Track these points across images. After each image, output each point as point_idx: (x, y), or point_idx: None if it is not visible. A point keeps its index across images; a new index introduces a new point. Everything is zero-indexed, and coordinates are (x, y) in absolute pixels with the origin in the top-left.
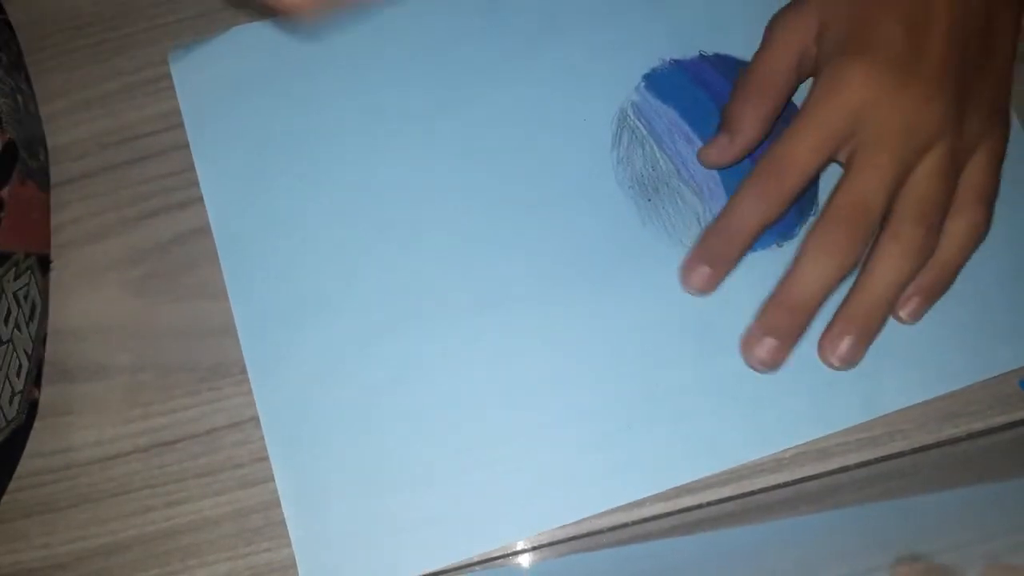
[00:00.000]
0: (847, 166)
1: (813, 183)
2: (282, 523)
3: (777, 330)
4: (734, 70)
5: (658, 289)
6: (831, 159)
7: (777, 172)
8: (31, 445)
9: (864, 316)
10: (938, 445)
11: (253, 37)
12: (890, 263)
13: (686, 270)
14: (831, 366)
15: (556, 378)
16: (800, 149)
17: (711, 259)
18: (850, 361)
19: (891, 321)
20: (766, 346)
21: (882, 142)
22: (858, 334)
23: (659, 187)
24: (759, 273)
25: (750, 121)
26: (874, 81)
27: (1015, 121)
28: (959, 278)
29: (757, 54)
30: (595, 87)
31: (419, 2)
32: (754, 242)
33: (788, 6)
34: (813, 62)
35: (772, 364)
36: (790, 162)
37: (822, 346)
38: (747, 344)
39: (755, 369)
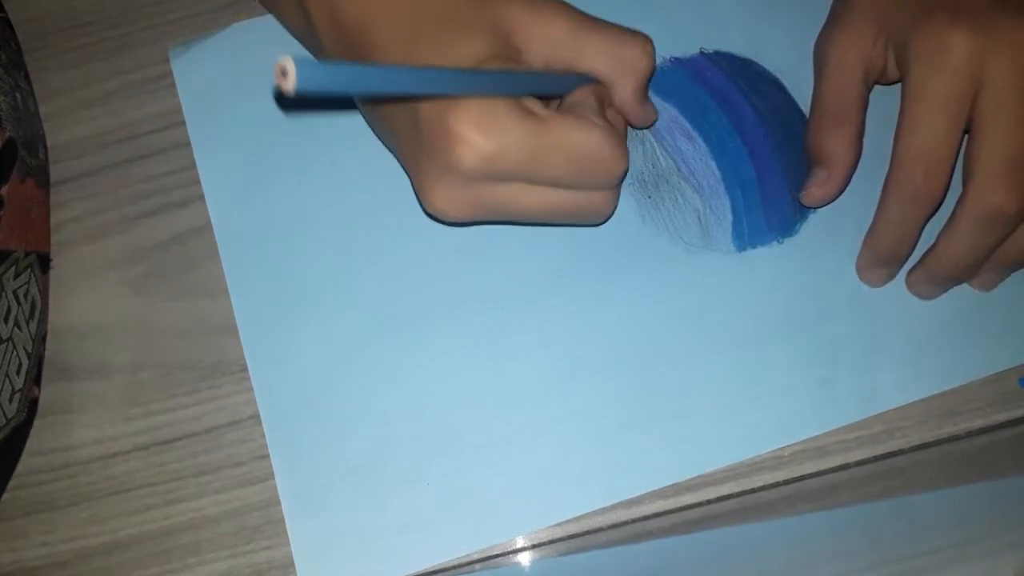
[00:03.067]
0: (983, 121)
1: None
2: (282, 521)
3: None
4: (734, 67)
5: (658, 286)
6: (966, 128)
7: (924, 167)
8: (31, 443)
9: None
10: (937, 443)
11: (254, 34)
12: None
13: (862, 271)
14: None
15: (555, 375)
16: (936, 133)
17: (884, 261)
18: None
19: (889, 319)
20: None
21: (1016, 86)
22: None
23: (659, 184)
24: (759, 271)
25: (840, 148)
26: (974, 25)
27: None
28: None
29: (819, 83)
30: None
31: None
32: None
33: (832, 26)
34: (881, 66)
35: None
36: (932, 152)
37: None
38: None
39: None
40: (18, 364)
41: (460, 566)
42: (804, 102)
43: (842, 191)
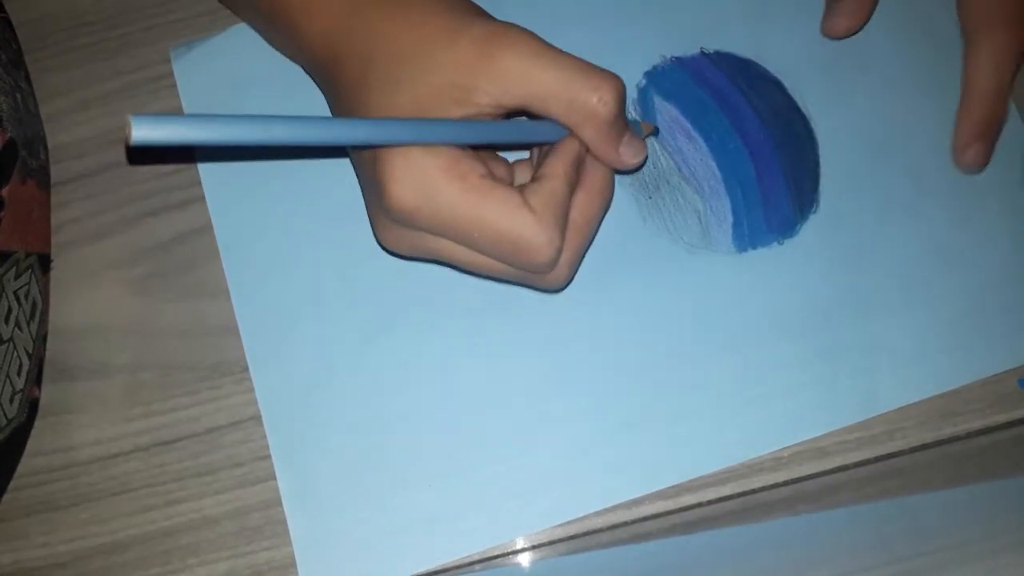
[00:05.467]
0: None
1: (815, 177)
2: (282, 522)
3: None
4: (735, 67)
5: (658, 286)
6: None
7: (1005, 19)
8: (31, 444)
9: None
10: (937, 444)
11: (255, 35)
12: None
13: (961, 150)
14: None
15: (555, 375)
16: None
17: (982, 133)
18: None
19: (889, 319)
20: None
21: None
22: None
23: (660, 184)
24: (759, 272)
25: None
26: None
27: (1014, 114)
28: (957, 276)
29: None
30: None
31: None
32: None
33: None
34: None
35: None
36: (1011, 3)
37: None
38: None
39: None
40: (19, 365)
41: (460, 566)
42: (804, 102)
43: (865, 23)
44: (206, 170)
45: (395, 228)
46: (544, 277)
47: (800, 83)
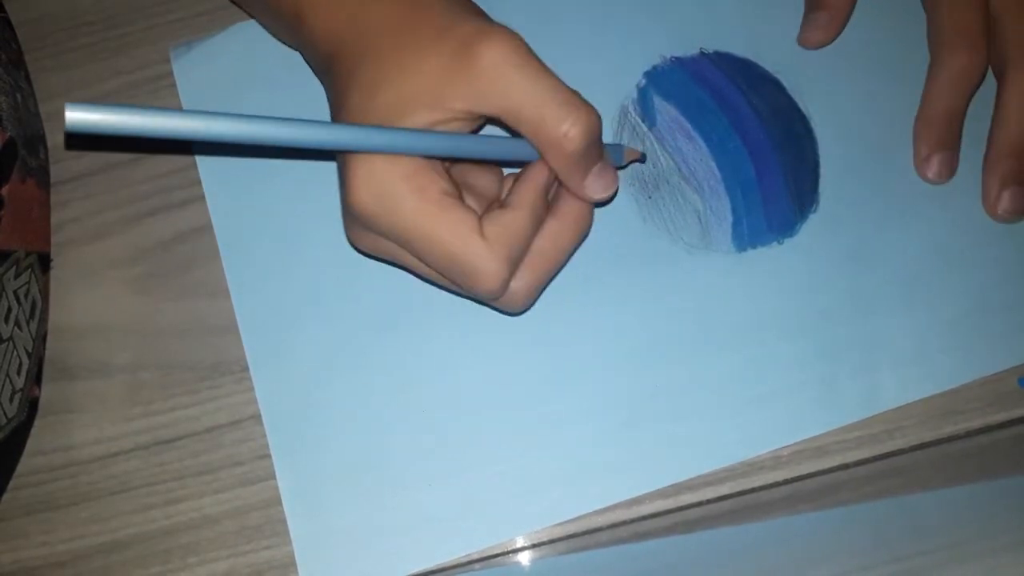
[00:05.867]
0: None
1: (814, 177)
2: (282, 521)
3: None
4: (734, 67)
5: (658, 286)
6: None
7: (968, 42)
8: (31, 443)
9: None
10: (937, 442)
11: (255, 34)
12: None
13: (924, 162)
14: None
15: (555, 375)
16: (976, 13)
17: (943, 143)
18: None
19: (889, 319)
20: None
21: None
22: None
23: (659, 184)
24: (759, 272)
25: None
26: None
27: None
28: (957, 276)
29: None
30: (596, 84)
31: None
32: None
33: None
34: None
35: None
36: (975, 27)
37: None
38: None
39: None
40: (19, 364)
41: (460, 566)
42: (804, 102)
43: (839, 34)
44: (206, 170)
45: (358, 227)
46: (496, 301)
47: (800, 83)
